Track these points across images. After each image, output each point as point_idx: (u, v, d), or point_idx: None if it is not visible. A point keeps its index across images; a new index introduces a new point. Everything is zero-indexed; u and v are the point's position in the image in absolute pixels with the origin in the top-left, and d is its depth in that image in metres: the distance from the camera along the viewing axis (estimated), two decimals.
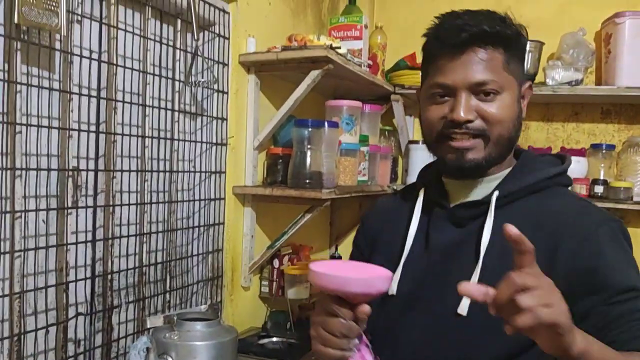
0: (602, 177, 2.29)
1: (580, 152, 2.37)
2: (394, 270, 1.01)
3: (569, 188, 1.06)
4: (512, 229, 0.69)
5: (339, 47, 1.83)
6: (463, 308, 0.93)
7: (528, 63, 2.27)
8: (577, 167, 2.34)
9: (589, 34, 2.31)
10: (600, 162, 2.34)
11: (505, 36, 0.95)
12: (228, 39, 1.79)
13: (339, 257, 2.45)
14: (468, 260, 0.97)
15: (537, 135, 2.52)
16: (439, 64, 0.98)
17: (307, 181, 1.80)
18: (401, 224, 1.10)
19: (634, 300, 0.85)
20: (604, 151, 2.33)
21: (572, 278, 0.87)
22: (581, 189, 2.27)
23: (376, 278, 0.83)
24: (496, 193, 0.99)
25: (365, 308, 0.83)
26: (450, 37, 0.95)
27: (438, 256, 1.02)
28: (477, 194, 1.03)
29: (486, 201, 0.99)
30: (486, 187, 1.03)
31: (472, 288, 0.70)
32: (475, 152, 0.97)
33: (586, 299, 0.86)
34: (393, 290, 1.03)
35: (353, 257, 1.22)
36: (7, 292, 1.16)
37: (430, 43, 1.00)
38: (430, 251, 1.03)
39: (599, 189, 2.22)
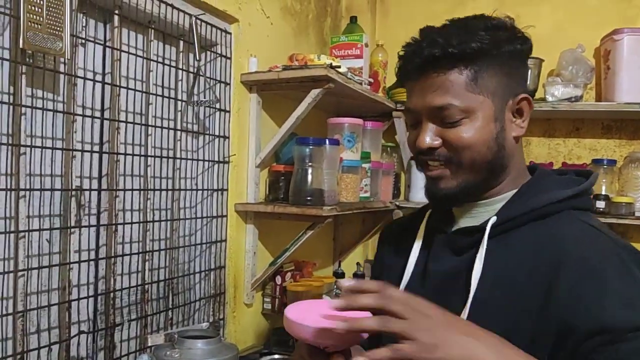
0: (603, 193, 2.29)
1: (582, 168, 2.38)
2: None
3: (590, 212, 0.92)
4: (344, 283, 0.69)
5: (339, 66, 1.86)
6: None
7: (527, 77, 2.28)
8: None
9: (588, 50, 2.33)
10: (602, 177, 2.34)
11: (466, 54, 0.86)
12: (230, 58, 1.83)
13: (342, 274, 2.45)
14: (460, 292, 0.88)
15: (538, 150, 2.53)
16: (407, 87, 0.95)
17: (309, 198, 1.81)
18: (404, 249, 1.03)
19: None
20: (605, 166, 2.34)
21: (571, 317, 0.77)
22: None
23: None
24: (492, 219, 0.89)
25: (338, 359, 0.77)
26: (407, 62, 0.92)
27: (434, 286, 0.94)
28: (478, 218, 0.93)
29: (483, 227, 0.89)
30: (489, 211, 0.93)
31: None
32: (446, 180, 0.91)
33: (589, 340, 0.74)
34: None
35: (373, 269, 1.19)
36: (10, 310, 1.18)
37: (399, 65, 0.96)
38: (428, 280, 0.96)
39: (600, 205, 2.22)
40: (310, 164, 1.83)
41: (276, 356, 1.79)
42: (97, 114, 1.40)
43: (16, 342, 1.18)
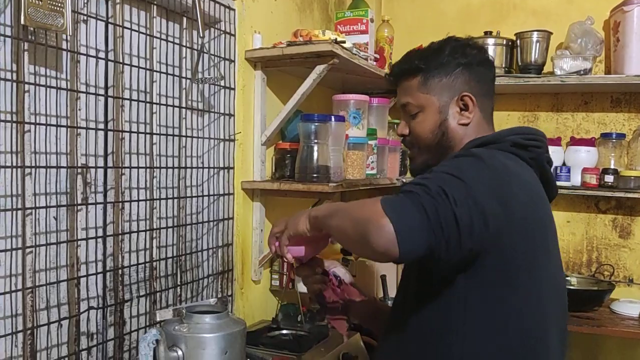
0: (612, 167, 2.28)
1: (590, 142, 2.36)
2: None
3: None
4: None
5: (344, 42, 1.84)
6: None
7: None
8: (587, 157, 2.34)
9: (597, 22, 2.29)
10: (611, 151, 2.32)
11: (415, 67, 1.18)
12: (234, 35, 1.81)
13: (350, 253, 2.46)
14: None
15: (546, 125, 2.51)
16: None
17: (315, 175, 1.81)
18: None
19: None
20: (614, 140, 2.32)
21: None
22: (591, 179, 2.26)
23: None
24: None
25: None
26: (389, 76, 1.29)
27: None
28: None
29: None
30: None
31: None
32: (414, 160, 1.24)
33: None
34: None
35: None
36: (19, 287, 1.19)
37: None
38: None
39: (609, 179, 2.21)
40: (315, 140, 1.83)
41: (284, 331, 1.80)
42: (101, 91, 1.39)
43: (26, 318, 1.20)
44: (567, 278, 2.26)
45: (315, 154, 1.83)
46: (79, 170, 1.30)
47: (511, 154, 1.07)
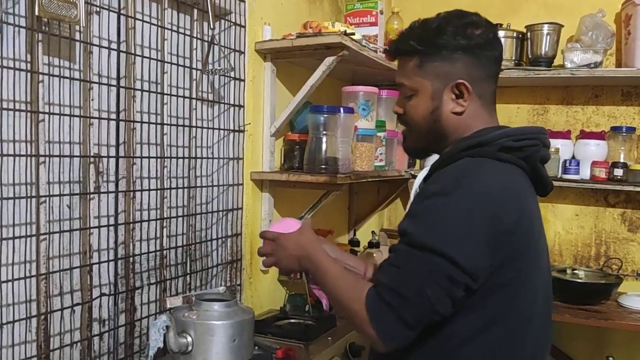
0: (622, 160, 2.27)
1: (600, 135, 2.35)
2: None
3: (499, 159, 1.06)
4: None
5: (354, 34, 1.85)
6: None
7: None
8: (596, 151, 2.34)
9: (608, 15, 2.28)
10: (620, 145, 2.31)
11: (412, 49, 1.11)
12: (244, 27, 1.82)
13: (358, 242, 2.48)
14: None
15: (556, 118, 2.51)
16: None
17: (323, 166, 1.83)
18: None
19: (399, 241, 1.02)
20: (624, 134, 2.31)
21: None
22: (600, 172, 2.26)
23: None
24: (425, 169, 1.16)
25: None
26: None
27: None
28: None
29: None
30: None
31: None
32: (407, 140, 1.20)
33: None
34: None
35: None
36: (34, 273, 1.22)
37: None
38: None
39: (618, 172, 2.20)
40: (324, 132, 1.84)
41: (292, 320, 1.82)
42: (113, 82, 1.41)
43: (40, 304, 1.23)
44: (575, 271, 2.27)
45: (324, 146, 1.84)
46: (92, 159, 1.33)
47: (499, 160, 1.03)
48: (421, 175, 1.19)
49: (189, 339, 1.27)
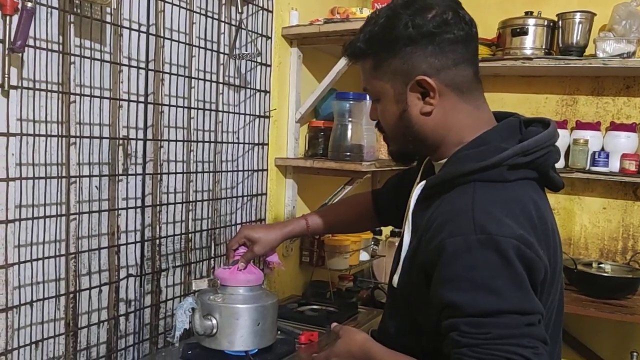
0: None
1: (631, 128, 2.30)
2: None
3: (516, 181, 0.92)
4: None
5: None
6: (395, 281, 1.01)
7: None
8: (627, 143, 2.29)
9: None
10: None
11: (362, 52, 0.99)
12: (271, 12, 1.82)
13: (380, 231, 2.47)
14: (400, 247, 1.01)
15: (585, 109, 2.46)
16: None
17: (348, 154, 1.82)
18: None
19: (449, 317, 0.84)
20: None
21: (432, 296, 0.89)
22: (630, 165, 2.21)
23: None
24: (422, 184, 0.98)
25: None
26: None
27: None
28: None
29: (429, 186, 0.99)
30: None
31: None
32: (389, 146, 1.06)
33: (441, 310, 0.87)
34: None
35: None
36: (63, 252, 1.24)
37: None
38: None
39: None
40: (350, 119, 1.83)
41: (314, 306, 1.83)
42: (142, 65, 1.42)
43: (69, 282, 1.25)
44: (600, 265, 2.23)
45: (349, 133, 1.84)
46: (120, 141, 1.34)
47: (510, 182, 0.90)
48: (418, 188, 1.00)
49: (214, 321, 1.28)
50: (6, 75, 1.07)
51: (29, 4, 1.04)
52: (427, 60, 0.93)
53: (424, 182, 0.98)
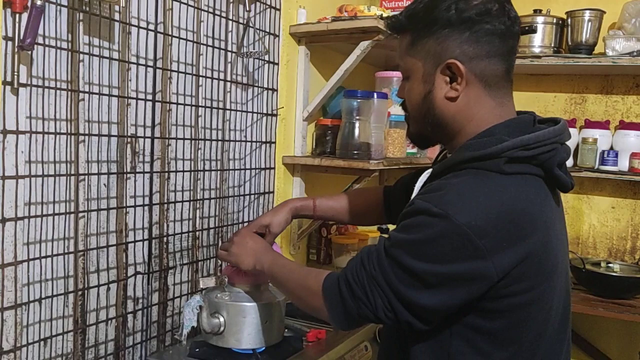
0: None
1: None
2: None
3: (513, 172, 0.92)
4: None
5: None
6: None
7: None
8: (636, 142, 2.28)
9: None
10: None
11: (403, 26, 1.00)
12: (279, 9, 1.81)
13: (387, 229, 2.46)
14: None
15: (594, 108, 2.44)
16: None
17: (355, 152, 1.81)
18: None
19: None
20: None
21: None
22: (639, 165, 2.20)
23: None
24: (428, 172, 1.03)
25: None
26: None
27: None
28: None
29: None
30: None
31: None
32: (409, 127, 1.07)
33: None
34: None
35: None
36: (72, 249, 1.24)
37: None
38: None
39: None
40: (357, 117, 1.82)
41: None
42: (150, 63, 1.42)
43: (77, 280, 1.25)
44: (609, 265, 2.22)
45: (357, 131, 1.83)
46: (128, 139, 1.34)
47: (505, 174, 0.90)
48: (424, 175, 1.04)
49: (222, 319, 1.28)
50: (15, 73, 1.07)
51: (39, 2, 1.04)
52: (461, 46, 0.94)
53: (430, 169, 1.02)
